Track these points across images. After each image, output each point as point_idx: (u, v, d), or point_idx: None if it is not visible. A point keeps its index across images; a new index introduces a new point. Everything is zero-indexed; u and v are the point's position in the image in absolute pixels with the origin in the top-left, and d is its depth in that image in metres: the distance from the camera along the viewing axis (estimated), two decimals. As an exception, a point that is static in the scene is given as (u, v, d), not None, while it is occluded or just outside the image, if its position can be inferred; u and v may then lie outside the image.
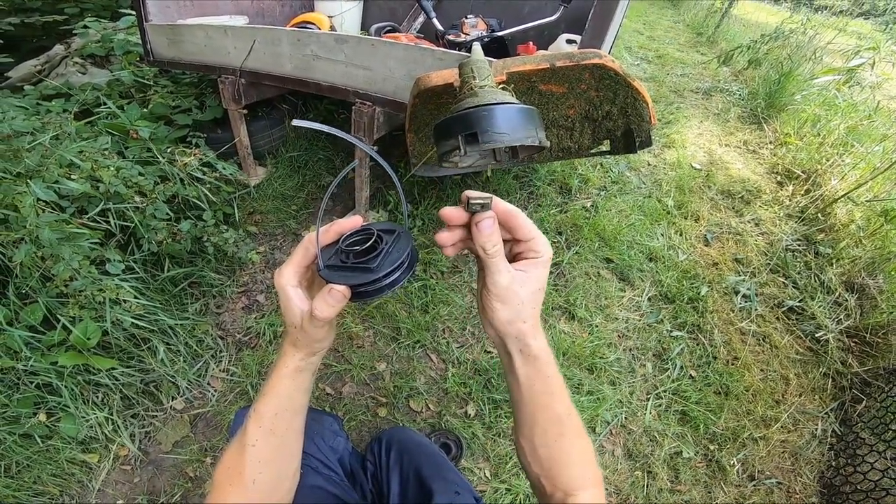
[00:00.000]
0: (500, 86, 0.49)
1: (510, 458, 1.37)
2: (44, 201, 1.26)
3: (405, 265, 0.47)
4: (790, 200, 2.50)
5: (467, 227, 0.47)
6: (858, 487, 1.37)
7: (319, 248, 0.49)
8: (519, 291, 0.46)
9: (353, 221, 0.51)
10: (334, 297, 0.45)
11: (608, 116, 0.67)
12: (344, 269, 0.47)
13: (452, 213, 0.47)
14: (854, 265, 2.03)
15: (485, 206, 0.44)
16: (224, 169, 1.78)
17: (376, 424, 1.44)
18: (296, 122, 0.44)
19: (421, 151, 0.67)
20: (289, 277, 0.49)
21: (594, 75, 0.61)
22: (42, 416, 1.23)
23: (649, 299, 1.91)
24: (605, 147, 0.72)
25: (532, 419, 0.49)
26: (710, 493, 1.41)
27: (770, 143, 3.08)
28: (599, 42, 1.04)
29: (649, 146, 0.69)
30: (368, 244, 0.48)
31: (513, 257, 0.50)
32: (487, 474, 1.35)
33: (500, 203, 0.47)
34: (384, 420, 1.45)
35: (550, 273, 1.94)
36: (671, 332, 1.79)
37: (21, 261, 1.14)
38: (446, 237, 0.48)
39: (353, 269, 0.46)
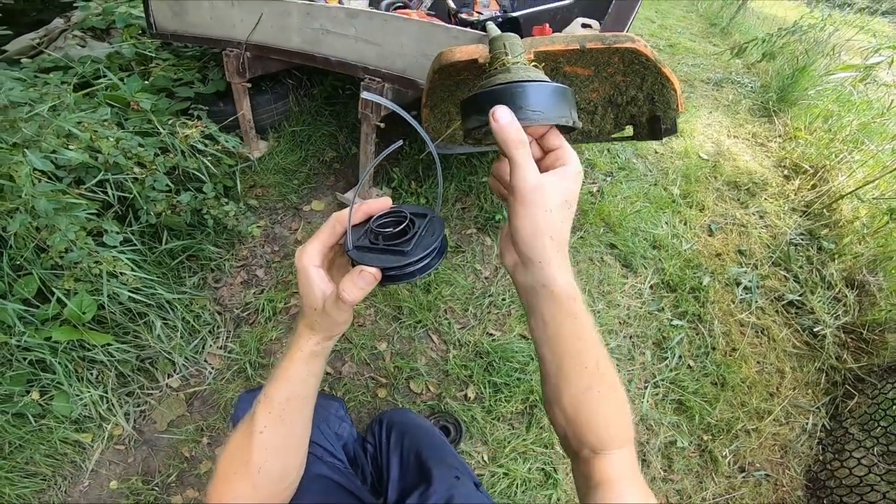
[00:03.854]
0: (532, 64, 0.46)
1: (509, 442, 1.38)
2: (40, 171, 1.22)
3: (437, 251, 0.46)
4: (796, 195, 2.49)
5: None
6: (843, 482, 1.39)
7: (350, 227, 0.47)
8: (547, 196, 0.42)
9: (383, 203, 0.49)
10: (364, 279, 0.43)
11: (633, 102, 0.65)
12: (374, 251, 0.45)
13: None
14: (856, 262, 2.03)
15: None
16: (226, 141, 1.74)
17: (376, 405, 1.44)
18: (365, 96, 0.45)
19: (436, 128, 0.65)
20: (312, 257, 0.47)
21: (624, 59, 0.59)
22: (35, 395, 1.20)
23: (651, 287, 1.90)
24: (628, 133, 0.70)
25: (557, 367, 0.45)
26: (701, 483, 1.43)
27: (779, 136, 3.05)
28: (622, 27, 1.01)
29: (674, 133, 0.67)
30: (401, 227, 0.47)
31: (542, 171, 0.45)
32: (485, 458, 1.36)
33: None
34: (384, 401, 1.45)
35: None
36: (672, 320, 1.80)
37: (16, 231, 1.11)
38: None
39: (383, 252, 0.45)
